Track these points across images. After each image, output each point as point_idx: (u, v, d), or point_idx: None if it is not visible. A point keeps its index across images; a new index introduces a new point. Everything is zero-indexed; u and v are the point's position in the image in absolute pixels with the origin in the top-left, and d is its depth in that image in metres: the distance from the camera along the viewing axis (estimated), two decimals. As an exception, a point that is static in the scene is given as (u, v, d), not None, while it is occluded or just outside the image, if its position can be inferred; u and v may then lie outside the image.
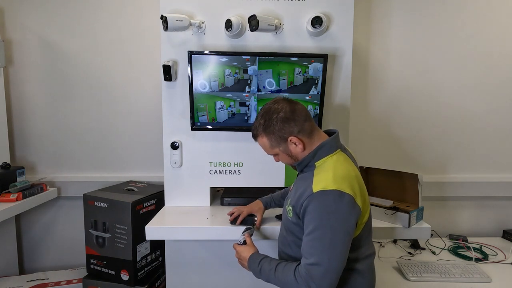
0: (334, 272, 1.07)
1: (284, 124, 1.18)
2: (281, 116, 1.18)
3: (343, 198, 1.08)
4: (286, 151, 1.22)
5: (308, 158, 1.20)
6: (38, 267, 2.28)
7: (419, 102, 2.16)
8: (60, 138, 2.20)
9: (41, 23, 2.11)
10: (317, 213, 1.08)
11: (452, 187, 2.20)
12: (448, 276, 1.67)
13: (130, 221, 1.76)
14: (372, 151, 2.16)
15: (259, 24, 1.49)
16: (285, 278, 1.13)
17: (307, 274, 1.07)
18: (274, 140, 1.21)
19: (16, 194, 1.88)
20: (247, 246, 1.31)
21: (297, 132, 1.18)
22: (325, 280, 1.06)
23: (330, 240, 1.06)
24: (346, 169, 1.16)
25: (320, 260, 1.06)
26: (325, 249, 1.06)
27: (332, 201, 1.08)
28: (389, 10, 2.10)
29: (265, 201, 1.56)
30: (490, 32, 2.11)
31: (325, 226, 1.07)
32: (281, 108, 1.19)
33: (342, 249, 1.07)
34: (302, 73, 1.60)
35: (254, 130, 1.24)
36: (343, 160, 1.19)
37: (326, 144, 1.20)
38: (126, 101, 2.17)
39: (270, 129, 1.19)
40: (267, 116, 1.20)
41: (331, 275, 1.06)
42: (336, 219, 1.07)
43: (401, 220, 1.56)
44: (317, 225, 1.08)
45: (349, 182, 1.11)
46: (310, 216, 1.10)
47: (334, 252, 1.06)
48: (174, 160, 1.72)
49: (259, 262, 1.21)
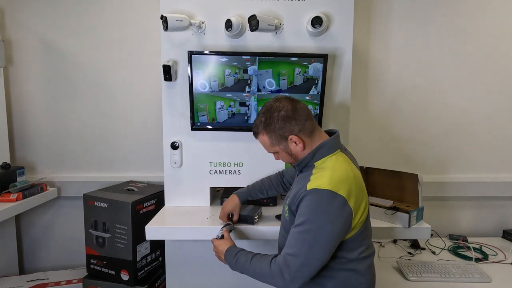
0: (310, 267, 1.09)
1: (285, 122, 1.18)
2: (282, 115, 1.18)
3: (334, 199, 1.08)
4: (286, 149, 1.22)
5: (308, 158, 1.20)
6: (38, 267, 2.28)
7: (419, 102, 2.16)
8: (60, 138, 2.20)
9: (41, 23, 2.11)
10: (307, 209, 1.10)
11: (452, 187, 2.20)
12: (448, 276, 1.67)
13: (130, 221, 1.76)
14: (372, 151, 2.16)
15: (259, 24, 1.49)
16: (259, 267, 1.15)
17: (283, 263, 1.10)
18: (274, 138, 1.21)
19: (16, 194, 1.88)
20: (225, 240, 1.33)
21: (298, 131, 1.18)
22: (299, 272, 1.08)
23: (313, 237, 1.08)
24: (344, 169, 1.15)
25: (299, 252, 1.08)
26: (306, 243, 1.08)
27: (323, 200, 1.09)
28: (389, 10, 2.10)
29: (242, 195, 1.55)
30: (491, 32, 2.11)
31: (312, 223, 1.08)
32: (283, 106, 1.19)
33: (324, 248, 1.09)
34: (302, 73, 1.60)
35: (255, 127, 1.25)
36: (342, 160, 1.19)
37: (326, 145, 1.20)
38: (126, 101, 2.17)
39: (271, 127, 1.19)
40: (268, 114, 1.20)
41: (306, 269, 1.08)
42: (324, 219, 1.08)
43: (401, 220, 1.56)
44: (304, 220, 1.09)
45: (345, 183, 1.11)
46: (300, 211, 1.12)
47: (315, 248, 1.08)
48: (174, 160, 1.72)
49: (235, 254, 1.23)
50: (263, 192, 1.58)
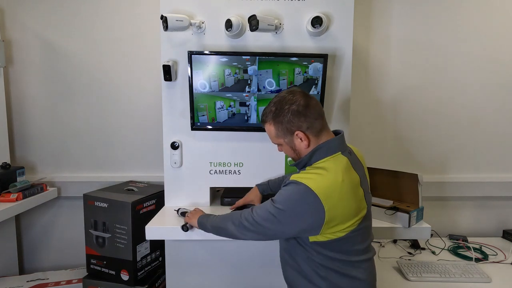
0: (261, 234, 1.18)
1: (294, 117, 1.17)
2: (293, 109, 1.16)
3: (308, 197, 1.09)
4: (290, 144, 1.22)
5: (305, 160, 1.20)
6: (38, 267, 2.28)
7: (419, 102, 2.16)
8: (60, 138, 2.20)
9: (41, 23, 2.11)
10: (284, 193, 1.15)
11: (452, 187, 2.20)
12: (448, 276, 1.67)
13: (130, 221, 1.76)
14: (372, 151, 2.16)
15: (259, 24, 1.49)
16: (224, 217, 1.29)
17: (248, 213, 1.20)
18: (280, 130, 1.20)
19: (16, 194, 1.88)
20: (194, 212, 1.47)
21: (306, 128, 1.18)
22: (252, 227, 1.18)
23: (274, 215, 1.13)
24: (334, 173, 1.12)
25: (261, 216, 1.16)
26: (268, 214, 1.15)
27: (297, 193, 1.11)
28: (389, 10, 2.10)
29: (262, 187, 1.61)
30: (491, 32, 2.11)
31: (281, 205, 1.13)
32: (295, 100, 1.17)
33: (279, 228, 1.15)
34: (302, 73, 1.60)
35: (264, 115, 1.24)
36: (339, 163, 1.16)
37: (323, 147, 1.18)
38: (126, 101, 2.17)
39: (279, 118, 1.18)
40: (279, 105, 1.19)
41: (257, 232, 1.18)
42: (291, 209, 1.12)
43: (401, 220, 1.56)
44: (277, 200, 1.15)
45: (326, 187, 1.10)
46: (280, 191, 1.17)
47: (271, 223, 1.14)
48: (174, 160, 1.72)
49: (206, 216, 1.38)
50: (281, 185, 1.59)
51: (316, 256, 1.18)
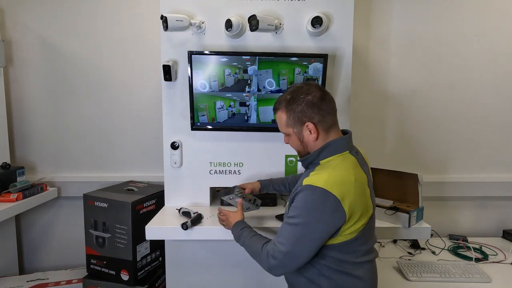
0: (293, 259, 1.12)
1: (308, 107, 1.16)
2: (308, 99, 1.16)
3: (327, 199, 1.08)
4: (298, 135, 1.20)
5: (313, 156, 1.19)
6: (38, 267, 2.28)
7: (419, 102, 2.16)
8: (60, 138, 2.20)
9: (41, 23, 2.11)
10: (300, 204, 1.11)
11: (452, 187, 2.20)
12: (448, 276, 1.67)
13: (130, 221, 1.76)
14: (372, 151, 2.14)
15: (259, 24, 1.49)
16: (255, 246, 1.21)
17: (272, 249, 1.13)
18: (291, 119, 1.18)
19: (16, 194, 1.88)
20: (237, 213, 1.40)
21: (317, 121, 1.16)
22: (283, 261, 1.12)
23: (301, 232, 1.10)
24: (346, 171, 1.13)
25: (286, 243, 1.11)
26: (294, 236, 1.11)
27: (315, 198, 1.09)
28: (389, 10, 2.10)
29: (264, 183, 1.61)
30: (491, 31, 2.11)
31: (302, 218, 1.10)
32: (312, 91, 1.17)
33: (308, 244, 1.11)
34: (302, 73, 1.60)
35: (277, 103, 1.22)
36: (348, 162, 1.17)
37: (332, 145, 1.18)
38: (126, 101, 2.17)
39: (292, 106, 1.17)
40: (295, 93, 1.18)
41: (289, 260, 1.12)
42: (313, 216, 1.09)
43: (401, 220, 1.56)
44: (296, 215, 1.11)
45: (341, 185, 1.09)
46: (294, 204, 1.14)
47: (301, 243, 1.11)
48: (174, 160, 1.72)
49: (241, 228, 1.31)
50: (285, 185, 1.59)
51: (322, 258, 1.17)
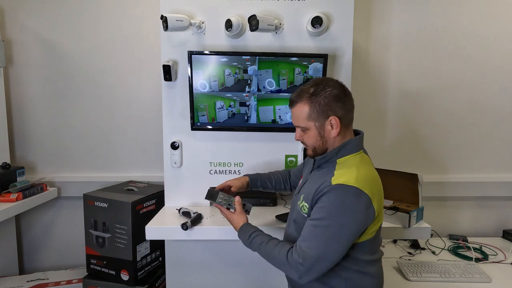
0: (325, 262, 1.06)
1: (333, 101, 1.12)
2: (334, 92, 1.12)
3: (360, 197, 1.06)
4: (319, 129, 1.15)
5: (332, 154, 1.16)
6: (38, 267, 2.28)
7: (419, 102, 2.16)
8: (60, 138, 2.20)
9: (41, 23, 2.11)
10: (330, 204, 1.07)
11: (452, 187, 2.20)
12: (448, 276, 1.67)
13: (130, 221, 1.76)
14: (372, 151, 2.14)
15: (259, 24, 1.49)
16: (276, 253, 1.12)
17: (300, 256, 1.06)
18: (315, 112, 1.13)
19: (16, 194, 1.88)
20: (239, 215, 1.30)
21: (340, 116, 1.13)
22: (315, 265, 1.05)
23: (334, 233, 1.05)
24: (369, 170, 1.15)
25: (317, 246, 1.05)
26: (326, 238, 1.05)
27: (349, 198, 1.06)
28: (389, 10, 2.10)
29: (252, 178, 1.52)
30: (491, 32, 2.11)
31: (335, 218, 1.05)
32: (335, 86, 1.14)
33: (341, 244, 1.06)
34: (302, 73, 1.60)
35: (297, 96, 1.15)
36: (367, 162, 1.19)
37: (352, 143, 1.17)
38: (126, 101, 2.16)
39: (318, 98, 1.12)
40: (319, 87, 1.13)
41: (321, 264, 1.06)
42: (348, 216, 1.05)
43: (401, 220, 1.56)
44: (327, 216, 1.06)
45: (370, 183, 1.10)
46: (321, 205, 1.08)
47: (333, 244, 1.06)
48: (174, 160, 1.72)
49: (250, 234, 1.22)
50: (271, 182, 1.53)
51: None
